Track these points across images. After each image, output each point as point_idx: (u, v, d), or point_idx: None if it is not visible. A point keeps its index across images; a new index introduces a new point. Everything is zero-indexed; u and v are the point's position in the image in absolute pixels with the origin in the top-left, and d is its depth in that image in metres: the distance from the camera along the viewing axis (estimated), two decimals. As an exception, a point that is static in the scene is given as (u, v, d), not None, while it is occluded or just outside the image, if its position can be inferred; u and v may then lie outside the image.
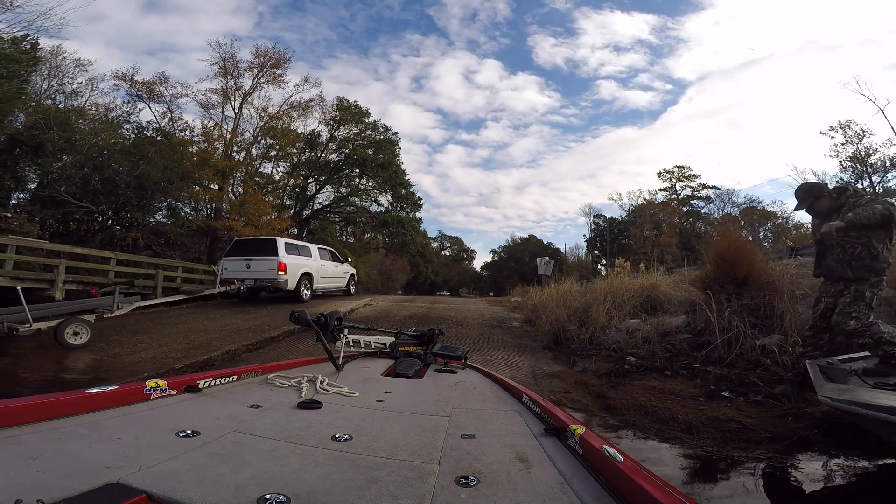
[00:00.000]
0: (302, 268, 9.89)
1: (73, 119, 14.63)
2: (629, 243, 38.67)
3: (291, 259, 9.57)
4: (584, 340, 5.78)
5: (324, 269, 10.94)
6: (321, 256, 11.03)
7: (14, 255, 8.88)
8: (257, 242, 10.10)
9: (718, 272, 5.35)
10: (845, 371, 2.69)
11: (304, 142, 22.77)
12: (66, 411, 1.01)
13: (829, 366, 2.78)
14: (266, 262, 9.35)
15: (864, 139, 27.36)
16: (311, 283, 10.29)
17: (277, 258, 9.28)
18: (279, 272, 9.17)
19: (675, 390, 3.84)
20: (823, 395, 2.38)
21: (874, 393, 2.42)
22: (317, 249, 11.02)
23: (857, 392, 2.44)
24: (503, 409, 1.40)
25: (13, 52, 12.32)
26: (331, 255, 11.91)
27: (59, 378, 4.18)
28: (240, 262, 9.68)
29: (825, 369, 2.76)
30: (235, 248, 10.13)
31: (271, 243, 9.63)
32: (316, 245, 11.47)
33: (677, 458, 2.69)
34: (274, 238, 9.89)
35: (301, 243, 10.92)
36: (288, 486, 0.75)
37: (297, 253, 10.08)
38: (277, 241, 9.63)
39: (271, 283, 9.34)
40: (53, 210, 13.54)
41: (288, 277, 9.31)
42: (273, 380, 1.54)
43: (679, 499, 0.70)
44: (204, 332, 6.38)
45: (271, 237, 10.27)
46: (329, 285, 11.52)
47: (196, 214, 17.84)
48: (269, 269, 9.27)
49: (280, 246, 9.50)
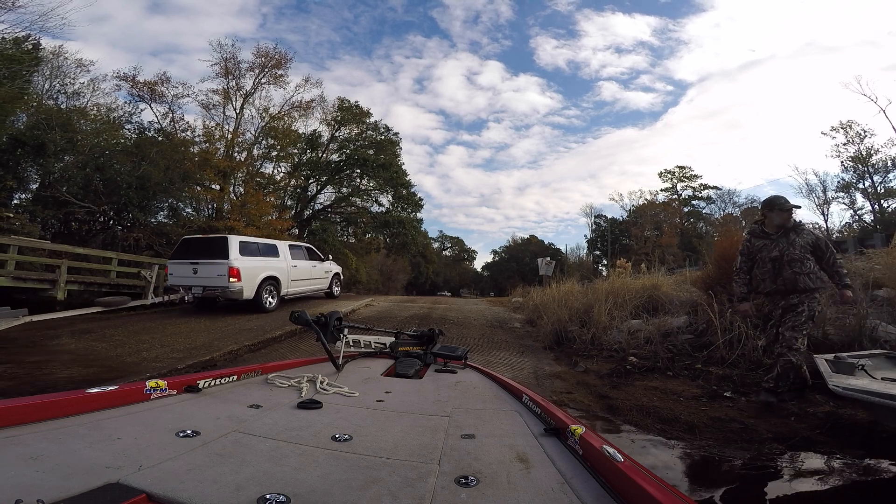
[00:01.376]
0: (264, 271, 8.42)
1: (74, 119, 14.69)
2: (630, 244, 38.66)
3: (248, 262, 8.09)
4: (586, 341, 5.78)
5: (297, 271, 9.55)
6: (293, 255, 9.60)
7: (16, 255, 8.92)
8: (206, 242, 8.47)
9: (720, 272, 5.35)
10: (853, 365, 2.76)
11: (305, 142, 22.82)
12: (66, 411, 1.01)
13: (837, 360, 2.87)
14: (215, 266, 7.80)
15: (866, 139, 27.35)
16: (279, 287, 8.84)
17: (228, 262, 7.71)
18: (231, 279, 7.66)
19: (677, 391, 3.84)
20: (834, 385, 2.45)
21: (883, 384, 2.51)
22: (286, 248, 9.55)
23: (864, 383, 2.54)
24: (503, 409, 1.39)
25: (15, 52, 12.37)
26: (307, 252, 10.43)
27: (61, 378, 4.18)
28: (186, 266, 8.09)
29: (834, 363, 2.85)
30: (182, 248, 8.52)
31: (221, 243, 8.05)
32: (286, 242, 9.99)
33: (679, 459, 2.68)
34: (225, 237, 8.28)
35: (265, 241, 9.39)
36: (288, 486, 0.74)
37: (259, 253, 8.59)
38: (229, 241, 8.04)
39: (222, 291, 7.82)
40: (55, 210, 13.58)
41: (243, 285, 7.83)
42: (273, 380, 1.54)
43: (679, 499, 0.69)
44: (205, 332, 6.39)
45: (222, 235, 8.65)
46: (305, 288, 10.10)
47: (197, 215, 17.86)
48: (219, 274, 7.74)
49: (232, 246, 7.95)
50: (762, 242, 3.62)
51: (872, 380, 2.63)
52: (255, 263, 8.27)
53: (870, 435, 2.74)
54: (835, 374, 2.68)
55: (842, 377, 2.64)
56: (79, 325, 7.02)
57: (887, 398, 2.22)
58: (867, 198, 27.97)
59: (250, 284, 8.03)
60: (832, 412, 3.13)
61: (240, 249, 8.04)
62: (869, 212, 27.96)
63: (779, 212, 3.57)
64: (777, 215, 3.58)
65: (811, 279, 3.39)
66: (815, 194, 29.96)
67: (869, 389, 2.35)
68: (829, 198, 29.53)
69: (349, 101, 23.82)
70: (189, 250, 8.31)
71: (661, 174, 42.58)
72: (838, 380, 2.54)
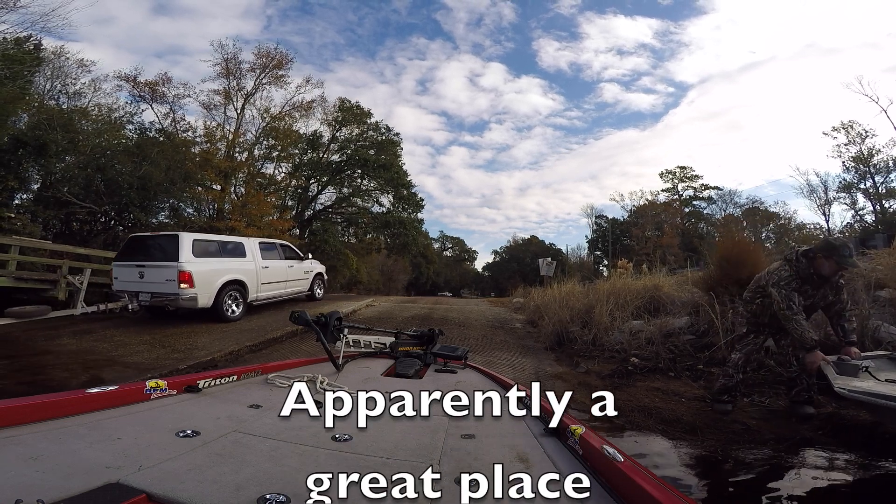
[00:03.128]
0: (225, 274, 7.20)
1: (76, 119, 14.71)
2: (631, 244, 38.57)
3: (204, 264, 6.90)
4: (587, 342, 5.77)
5: (269, 272, 8.29)
6: (264, 255, 8.33)
7: (17, 255, 8.93)
8: (154, 241, 7.25)
9: (722, 273, 5.33)
10: (857, 367, 2.77)
11: (306, 142, 22.84)
12: (66, 411, 1.01)
13: (840, 361, 2.88)
14: (163, 269, 6.66)
15: (867, 140, 27.29)
16: (246, 292, 7.59)
17: (178, 265, 6.54)
18: (181, 284, 6.51)
19: (679, 391, 3.83)
20: (840, 387, 2.46)
21: (888, 386, 2.53)
22: (256, 246, 8.26)
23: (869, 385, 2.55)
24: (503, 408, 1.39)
25: (16, 52, 12.40)
26: (282, 250, 9.18)
27: (64, 379, 4.19)
28: (131, 270, 6.94)
29: (838, 365, 2.87)
30: (128, 248, 7.32)
31: (171, 242, 6.86)
32: (256, 239, 8.63)
33: (681, 459, 2.68)
34: (176, 234, 7.09)
35: (229, 239, 8.18)
36: (288, 486, 0.74)
37: (219, 253, 7.41)
38: (180, 239, 6.82)
39: (172, 299, 6.68)
40: (56, 210, 13.61)
41: (197, 291, 6.67)
42: (273, 380, 1.54)
43: (679, 498, 0.69)
44: (206, 332, 6.39)
45: (173, 233, 7.44)
46: (279, 292, 8.76)
47: (198, 215, 17.87)
48: (168, 279, 6.59)
49: (184, 245, 6.75)
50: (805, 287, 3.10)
51: (877, 381, 2.63)
52: (213, 266, 7.09)
53: (871, 436, 2.74)
54: (839, 377, 2.67)
55: (846, 379, 2.63)
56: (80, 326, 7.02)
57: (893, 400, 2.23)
58: (868, 198, 27.92)
59: (207, 290, 6.87)
60: (834, 413, 3.13)
61: (194, 249, 6.84)
62: (870, 212, 27.92)
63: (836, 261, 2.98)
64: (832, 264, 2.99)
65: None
66: (817, 194, 29.92)
67: (874, 391, 2.35)
68: (831, 198, 29.49)
69: (350, 101, 23.85)
70: (136, 251, 7.15)
71: (661, 174, 42.49)
72: (843, 382, 2.54)
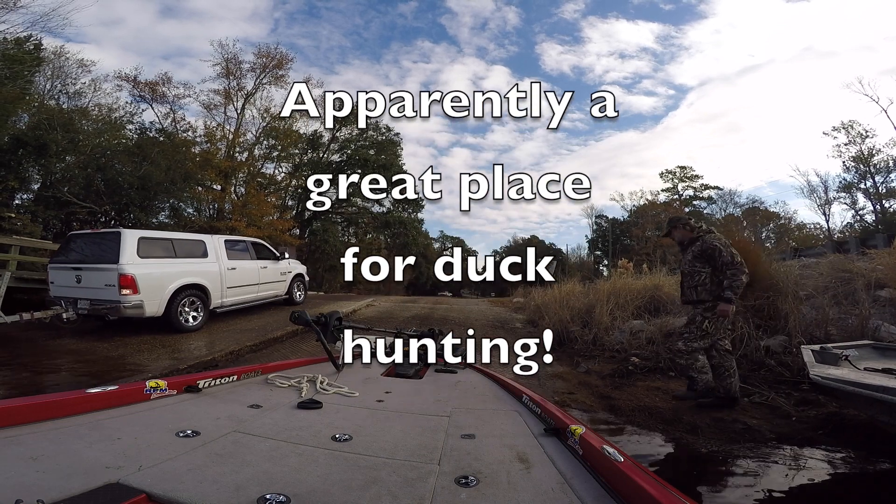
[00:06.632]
0: (179, 278, 6.11)
1: (76, 119, 14.73)
2: (631, 244, 38.55)
3: (152, 266, 5.81)
4: (588, 341, 5.77)
5: (236, 275, 7.09)
6: (231, 254, 7.14)
7: (18, 255, 8.92)
8: (94, 239, 6.09)
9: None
10: (837, 356, 2.80)
11: (306, 142, 22.88)
12: (66, 411, 1.01)
13: (823, 350, 2.91)
14: (101, 273, 5.59)
15: (867, 140, 27.26)
16: (207, 297, 6.51)
17: (117, 267, 5.48)
18: (123, 290, 5.46)
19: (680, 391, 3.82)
20: (815, 374, 2.49)
21: (862, 374, 2.55)
22: (220, 244, 7.04)
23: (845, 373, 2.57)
24: (503, 409, 1.39)
25: (17, 52, 12.40)
26: (254, 249, 7.86)
27: (66, 379, 4.19)
28: (68, 273, 5.86)
29: (819, 353, 2.90)
30: (66, 247, 6.21)
31: (112, 240, 5.72)
32: (221, 237, 7.38)
33: (681, 459, 2.68)
34: (118, 231, 5.85)
35: (186, 237, 6.96)
36: (288, 486, 0.74)
37: (173, 253, 6.26)
38: (122, 237, 5.68)
39: (112, 307, 5.56)
40: (57, 210, 13.62)
41: (142, 297, 5.60)
42: (273, 380, 1.54)
43: (679, 498, 0.69)
44: (206, 332, 6.38)
45: (114, 230, 6.10)
46: (250, 296, 7.54)
47: (199, 215, 17.90)
48: (107, 284, 5.53)
49: (126, 244, 5.64)
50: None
51: (854, 370, 2.65)
52: (163, 268, 5.99)
53: (871, 436, 2.73)
54: (818, 364, 2.71)
55: (824, 367, 2.66)
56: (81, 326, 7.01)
57: (859, 387, 2.26)
58: (869, 198, 27.89)
59: (156, 296, 5.80)
60: (834, 413, 3.12)
61: (139, 249, 5.74)
62: (871, 212, 27.89)
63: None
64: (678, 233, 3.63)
65: (697, 292, 3.40)
66: (817, 194, 29.87)
67: (845, 379, 2.38)
68: (831, 198, 29.45)
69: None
70: (73, 251, 6.05)
71: (662, 174, 42.38)
72: (820, 370, 2.57)
